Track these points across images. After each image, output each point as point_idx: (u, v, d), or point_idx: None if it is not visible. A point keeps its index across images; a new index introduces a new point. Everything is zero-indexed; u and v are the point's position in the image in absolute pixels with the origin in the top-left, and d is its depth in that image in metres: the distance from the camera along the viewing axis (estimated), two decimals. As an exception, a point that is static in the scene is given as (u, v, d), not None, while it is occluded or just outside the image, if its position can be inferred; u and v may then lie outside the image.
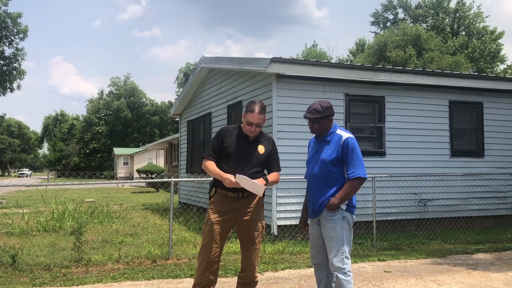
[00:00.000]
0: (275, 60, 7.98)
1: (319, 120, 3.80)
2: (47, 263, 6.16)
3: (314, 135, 4.01)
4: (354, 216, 3.83)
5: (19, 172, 77.05)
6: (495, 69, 43.20)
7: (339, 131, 3.84)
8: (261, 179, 3.99)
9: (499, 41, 44.24)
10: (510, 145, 10.24)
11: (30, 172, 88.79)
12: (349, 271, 3.66)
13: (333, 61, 39.37)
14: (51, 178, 43.94)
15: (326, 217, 3.74)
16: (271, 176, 4.13)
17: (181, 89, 42.96)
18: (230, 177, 3.87)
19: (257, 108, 4.00)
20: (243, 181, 3.84)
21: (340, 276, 3.62)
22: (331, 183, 3.75)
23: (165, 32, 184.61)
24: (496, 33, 44.14)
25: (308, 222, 4.02)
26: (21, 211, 10.90)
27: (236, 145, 4.07)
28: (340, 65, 9.18)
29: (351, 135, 3.81)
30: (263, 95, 8.74)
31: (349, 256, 3.71)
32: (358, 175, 3.68)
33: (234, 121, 9.92)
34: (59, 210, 10.25)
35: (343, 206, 3.72)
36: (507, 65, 44.37)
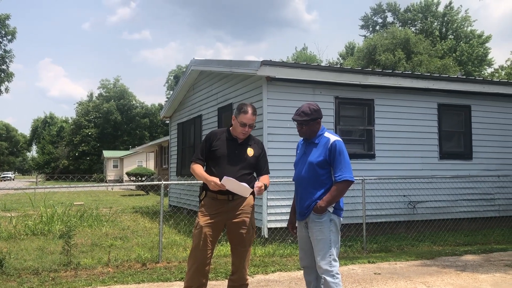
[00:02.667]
0: (265, 63, 8.00)
1: (307, 122, 3.82)
2: (35, 267, 6.09)
3: (302, 138, 4.03)
4: (341, 218, 3.83)
5: (2, 175, 75.38)
6: (482, 72, 43.78)
7: (327, 134, 3.86)
8: (262, 187, 3.96)
9: (486, 44, 44.91)
10: (498, 148, 10.37)
11: (14, 175, 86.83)
12: (337, 274, 3.66)
13: (323, 64, 39.62)
14: (39, 181, 43.48)
15: (313, 219, 3.74)
16: (265, 180, 4.14)
17: (171, 92, 42.80)
18: (215, 179, 3.88)
19: (250, 109, 4.05)
20: (229, 183, 3.84)
21: (328, 278, 3.63)
22: (318, 185, 3.76)
23: (155, 34, 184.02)
24: (483, 37, 44.79)
25: (296, 225, 4.02)
26: (8, 215, 10.79)
27: (225, 148, 4.09)
28: (330, 68, 9.23)
29: (339, 138, 3.83)
30: (253, 98, 8.75)
31: (337, 259, 3.71)
32: (345, 178, 3.69)
33: (225, 124, 9.92)
34: (48, 214, 10.16)
35: (330, 209, 3.72)
36: (494, 69, 44.97)
